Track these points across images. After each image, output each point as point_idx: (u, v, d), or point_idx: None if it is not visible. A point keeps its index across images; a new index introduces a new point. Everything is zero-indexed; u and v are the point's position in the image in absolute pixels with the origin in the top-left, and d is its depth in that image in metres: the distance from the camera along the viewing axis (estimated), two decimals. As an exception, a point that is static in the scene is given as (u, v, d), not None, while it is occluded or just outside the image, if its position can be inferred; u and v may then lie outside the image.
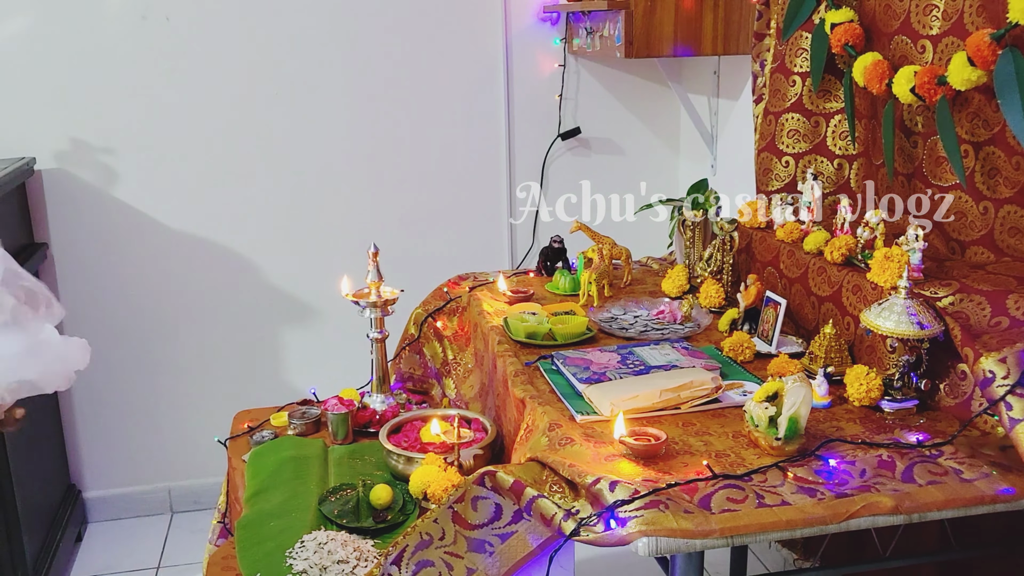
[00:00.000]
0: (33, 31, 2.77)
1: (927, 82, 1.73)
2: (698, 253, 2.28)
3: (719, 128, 2.94)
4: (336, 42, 2.96)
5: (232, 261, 3.05)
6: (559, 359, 1.82)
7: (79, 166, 2.89)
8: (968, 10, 1.69)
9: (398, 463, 1.89)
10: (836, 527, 1.28)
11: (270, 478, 1.95)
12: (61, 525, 2.83)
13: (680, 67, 3.07)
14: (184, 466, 3.16)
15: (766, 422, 1.43)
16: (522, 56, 3.10)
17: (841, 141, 2.16)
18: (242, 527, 1.78)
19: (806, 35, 2.15)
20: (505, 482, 1.39)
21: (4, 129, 2.80)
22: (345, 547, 1.65)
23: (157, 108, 2.89)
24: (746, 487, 1.33)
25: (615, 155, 3.24)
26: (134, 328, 3.02)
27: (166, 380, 3.09)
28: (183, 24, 2.85)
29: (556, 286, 2.34)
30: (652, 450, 1.42)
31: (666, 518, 1.24)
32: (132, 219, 2.95)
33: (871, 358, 1.70)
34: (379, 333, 2.19)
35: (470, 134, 3.12)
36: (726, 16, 2.57)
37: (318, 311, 3.14)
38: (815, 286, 1.91)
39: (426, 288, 2.49)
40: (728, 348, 1.86)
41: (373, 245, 2.17)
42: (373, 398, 2.22)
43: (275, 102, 2.96)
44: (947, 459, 1.39)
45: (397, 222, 3.11)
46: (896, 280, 1.61)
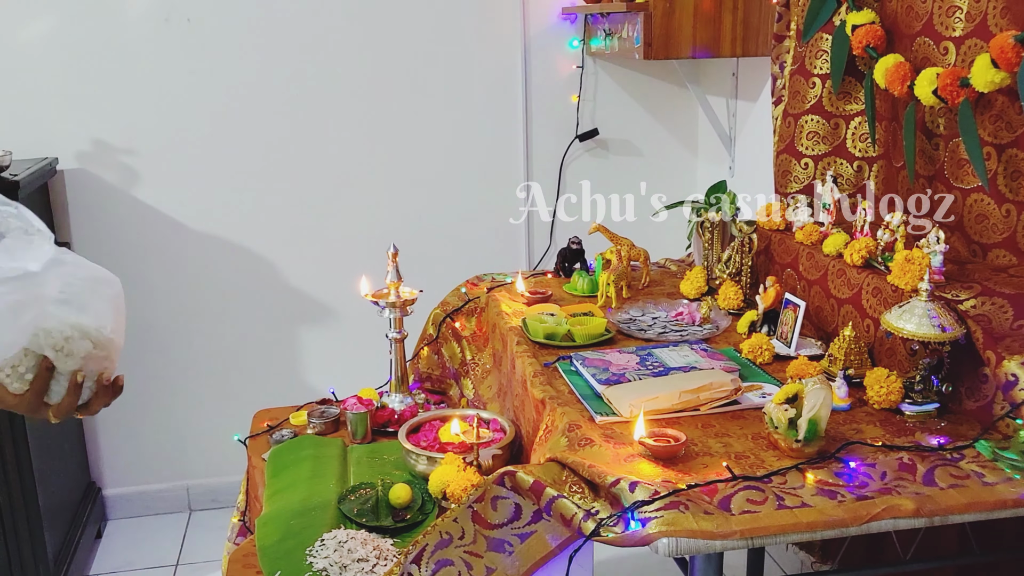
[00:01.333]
0: (56, 33, 2.80)
1: (950, 84, 1.72)
2: (716, 255, 2.28)
3: (737, 130, 2.94)
4: (355, 44, 2.97)
5: (252, 261, 3.06)
6: (578, 360, 1.83)
7: (101, 166, 2.91)
8: (992, 12, 1.68)
9: (417, 463, 1.89)
10: (856, 529, 1.28)
11: (290, 477, 1.96)
12: (81, 522, 2.85)
13: (698, 69, 3.07)
14: (203, 465, 3.18)
15: (786, 424, 1.42)
16: (540, 57, 3.10)
17: (861, 143, 2.15)
18: (262, 525, 1.79)
19: (826, 37, 2.15)
20: (525, 482, 1.39)
21: (28, 130, 2.83)
22: (365, 546, 1.66)
23: (178, 109, 2.91)
24: (766, 489, 1.33)
25: (633, 156, 3.24)
26: (154, 327, 3.04)
27: (186, 379, 3.11)
28: (204, 26, 2.87)
29: (574, 287, 2.34)
30: (672, 451, 1.42)
31: (686, 519, 1.25)
32: (153, 219, 2.97)
33: (891, 361, 1.70)
34: (398, 333, 2.20)
35: (488, 135, 3.13)
36: (745, 18, 2.57)
37: (337, 311, 3.15)
38: (834, 288, 1.91)
39: (444, 288, 2.50)
40: (747, 350, 1.85)
41: (392, 246, 2.18)
42: (392, 398, 2.23)
43: (295, 103, 2.98)
44: (969, 462, 1.39)
45: (415, 223, 3.12)
46: (917, 282, 1.60)
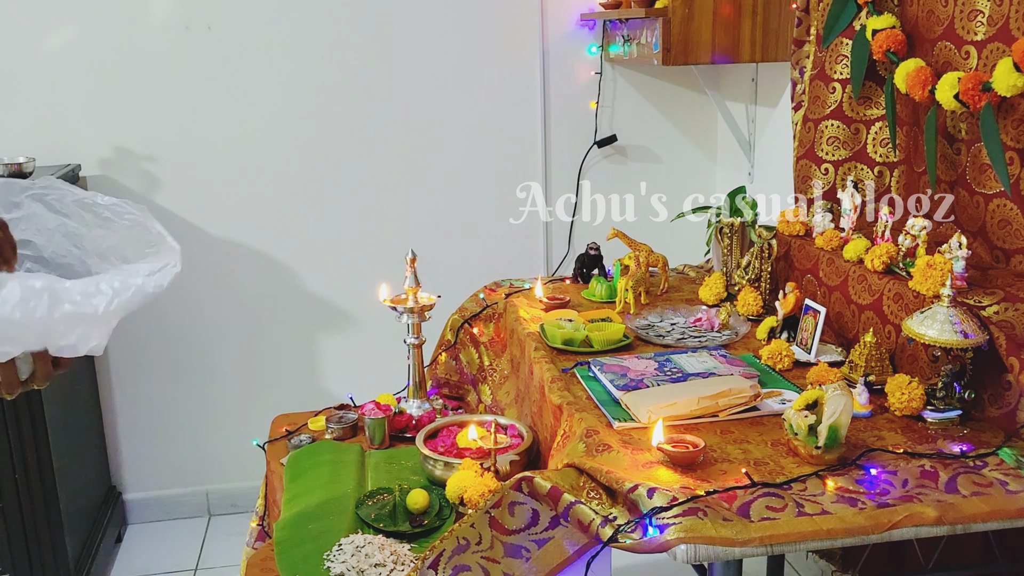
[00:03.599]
0: (79, 42, 2.83)
1: (971, 88, 1.70)
2: (736, 261, 2.26)
3: (757, 135, 2.93)
4: (374, 52, 2.99)
5: (271, 267, 3.08)
6: (596, 366, 1.82)
7: (123, 173, 2.94)
8: (1014, 15, 1.66)
9: (435, 468, 1.89)
10: (877, 537, 1.27)
11: (308, 481, 1.97)
12: (102, 526, 2.87)
13: (718, 74, 3.06)
14: (222, 469, 3.19)
15: (805, 430, 1.41)
16: (559, 63, 3.10)
17: (882, 148, 2.14)
18: (280, 529, 1.80)
19: (846, 42, 2.14)
20: (542, 488, 1.39)
21: (51, 137, 2.87)
22: (382, 551, 1.66)
23: (199, 116, 2.94)
24: (785, 496, 1.32)
25: (652, 162, 3.23)
26: (174, 332, 3.06)
27: (205, 384, 3.13)
28: (225, 34, 2.90)
29: (592, 293, 2.34)
30: (690, 457, 1.42)
31: (705, 525, 1.24)
32: (173, 225, 2.99)
33: (913, 367, 1.68)
34: (416, 339, 2.20)
35: (506, 141, 3.13)
36: (764, 23, 2.56)
37: (356, 317, 3.16)
38: (855, 294, 1.89)
39: (462, 294, 2.50)
40: (766, 356, 1.84)
41: (411, 251, 2.18)
42: (410, 403, 2.24)
43: (314, 110, 3.00)
44: (992, 470, 1.37)
45: (434, 228, 3.13)
46: (939, 288, 1.58)
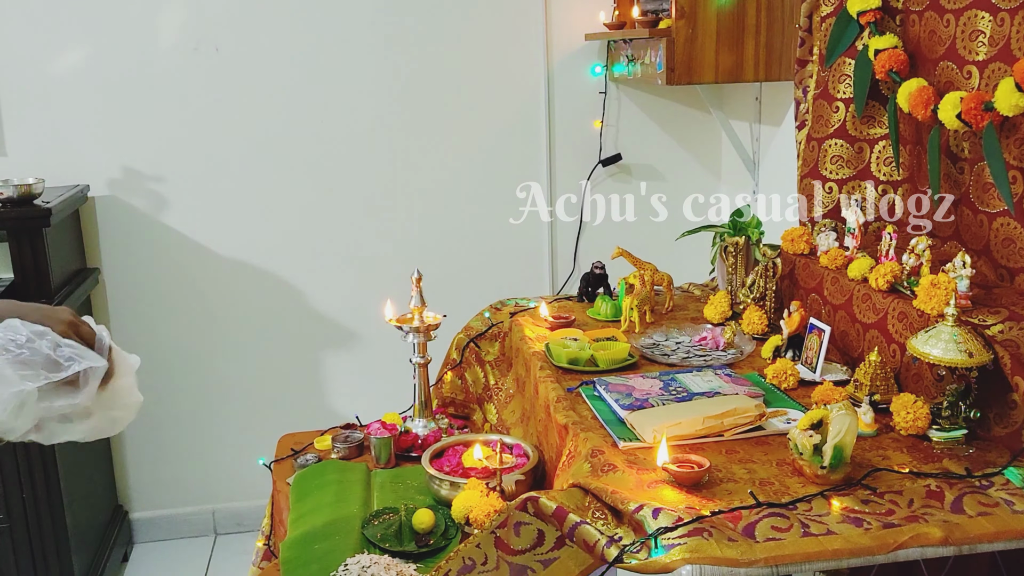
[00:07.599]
0: (88, 63, 2.86)
1: (974, 108, 1.71)
2: (740, 279, 2.27)
3: (761, 154, 2.94)
4: (380, 72, 3.01)
5: (278, 287, 3.09)
6: (601, 385, 1.82)
7: (131, 193, 2.96)
8: (1015, 35, 1.68)
9: (441, 488, 1.89)
10: (883, 558, 1.26)
11: (314, 501, 1.97)
12: (108, 545, 2.87)
13: (721, 93, 3.07)
14: (228, 489, 3.20)
15: (811, 450, 1.41)
16: (563, 84, 3.12)
17: (886, 167, 2.14)
18: (287, 549, 1.80)
19: (849, 61, 2.15)
20: (548, 508, 1.39)
21: (60, 158, 2.89)
22: (388, 571, 1.66)
23: (206, 137, 2.96)
24: (791, 516, 1.32)
25: (656, 181, 3.24)
26: (182, 351, 3.07)
27: (212, 403, 3.13)
28: (233, 55, 2.93)
29: (597, 312, 2.34)
30: (695, 477, 1.42)
31: (710, 546, 1.24)
32: (181, 245, 3.02)
33: (918, 386, 1.68)
34: (421, 358, 2.21)
35: (511, 161, 3.15)
36: (768, 43, 2.57)
37: (361, 336, 3.17)
38: (860, 313, 1.90)
39: (467, 313, 2.51)
40: (771, 375, 1.84)
41: (416, 271, 2.19)
42: (415, 423, 2.24)
43: (321, 131, 3.02)
44: (998, 490, 1.37)
45: (439, 248, 3.14)
46: (943, 307, 1.59)
